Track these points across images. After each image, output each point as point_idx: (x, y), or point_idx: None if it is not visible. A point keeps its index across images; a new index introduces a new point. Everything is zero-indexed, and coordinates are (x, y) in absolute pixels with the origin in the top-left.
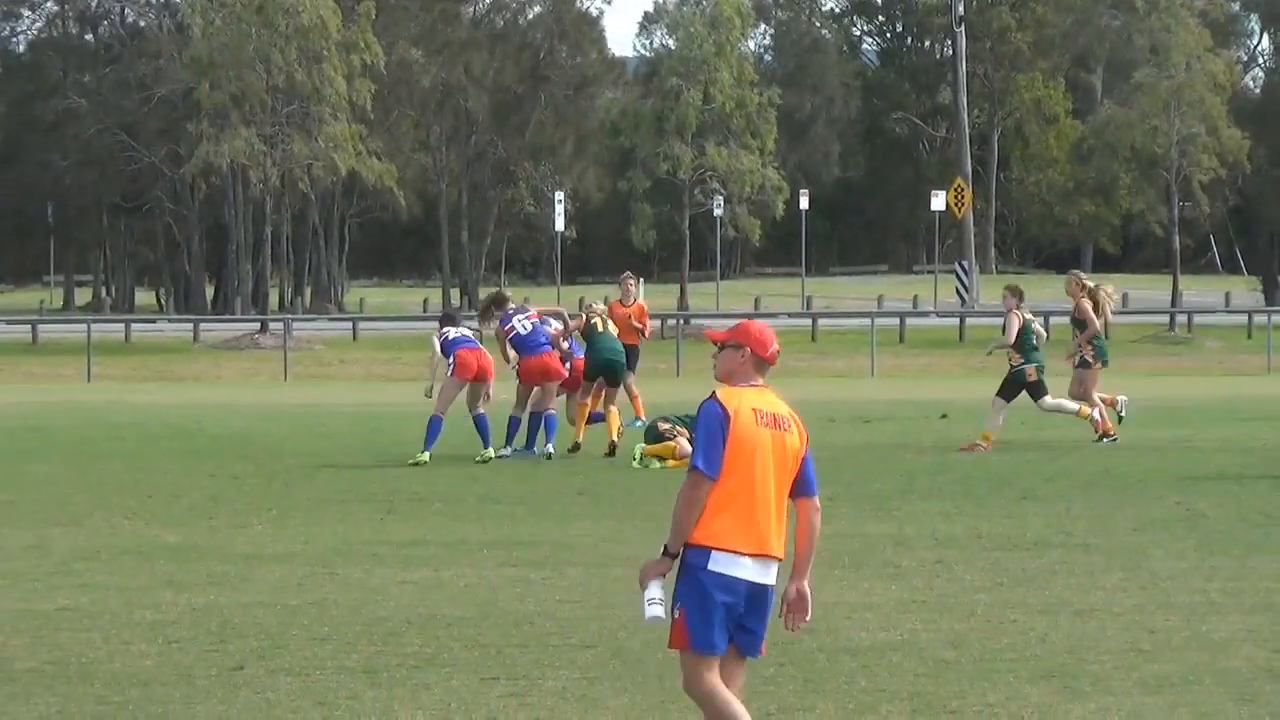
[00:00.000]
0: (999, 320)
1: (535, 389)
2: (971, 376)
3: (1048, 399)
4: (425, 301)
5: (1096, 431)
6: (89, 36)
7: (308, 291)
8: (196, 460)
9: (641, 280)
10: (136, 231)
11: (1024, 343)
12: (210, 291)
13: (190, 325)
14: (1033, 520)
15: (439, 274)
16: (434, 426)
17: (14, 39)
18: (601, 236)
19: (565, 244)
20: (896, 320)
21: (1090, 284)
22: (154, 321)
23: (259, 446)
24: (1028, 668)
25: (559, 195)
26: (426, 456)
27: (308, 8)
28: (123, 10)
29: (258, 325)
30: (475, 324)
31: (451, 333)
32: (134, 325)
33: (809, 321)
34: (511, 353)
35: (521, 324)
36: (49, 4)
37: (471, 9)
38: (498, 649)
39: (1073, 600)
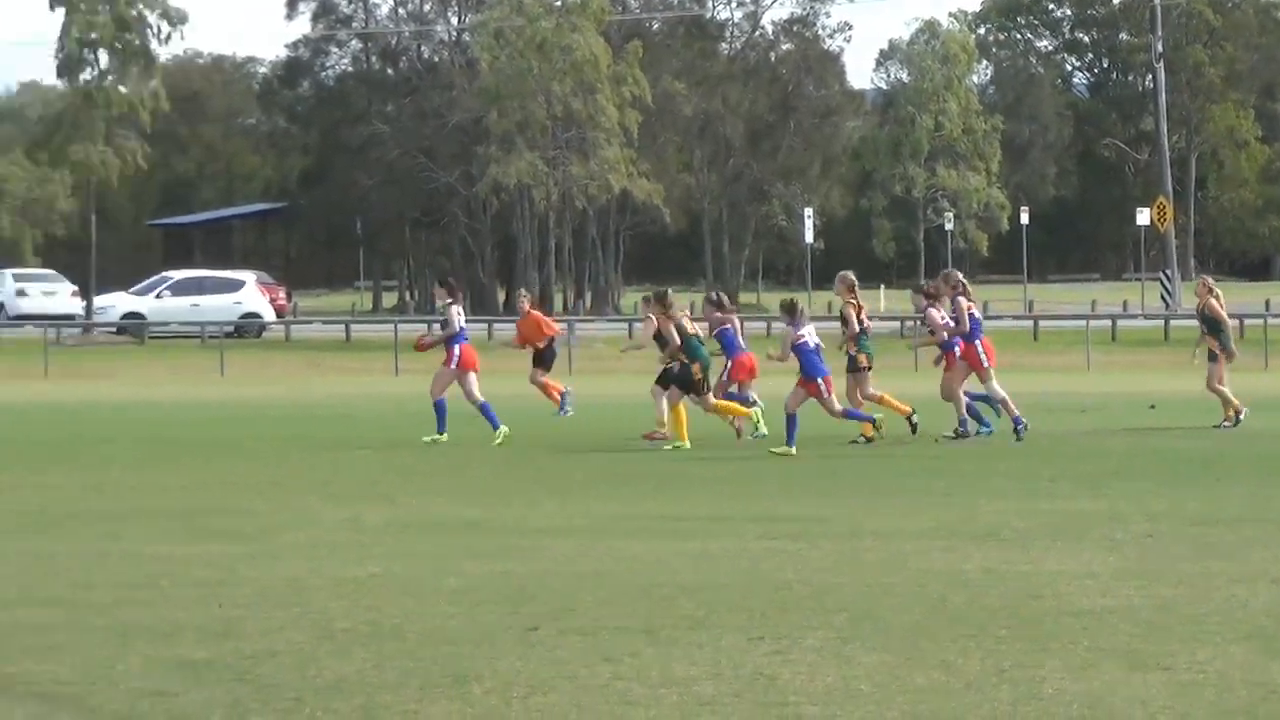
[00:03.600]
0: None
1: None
2: (1175, 371)
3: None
4: (691, 305)
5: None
6: (390, 71)
7: (588, 295)
8: (494, 444)
9: (882, 286)
10: (435, 243)
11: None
12: (501, 296)
13: (485, 325)
14: (1231, 499)
15: (702, 280)
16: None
17: (324, 73)
18: (845, 248)
19: (814, 254)
20: (1108, 322)
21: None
22: None
23: (547, 431)
24: (1231, 630)
25: (808, 211)
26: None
27: (581, 45)
28: (419, 47)
29: None
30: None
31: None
32: (434, 326)
33: (1030, 323)
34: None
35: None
36: (355, 42)
37: (728, 47)
38: (761, 612)
39: (1270, 570)
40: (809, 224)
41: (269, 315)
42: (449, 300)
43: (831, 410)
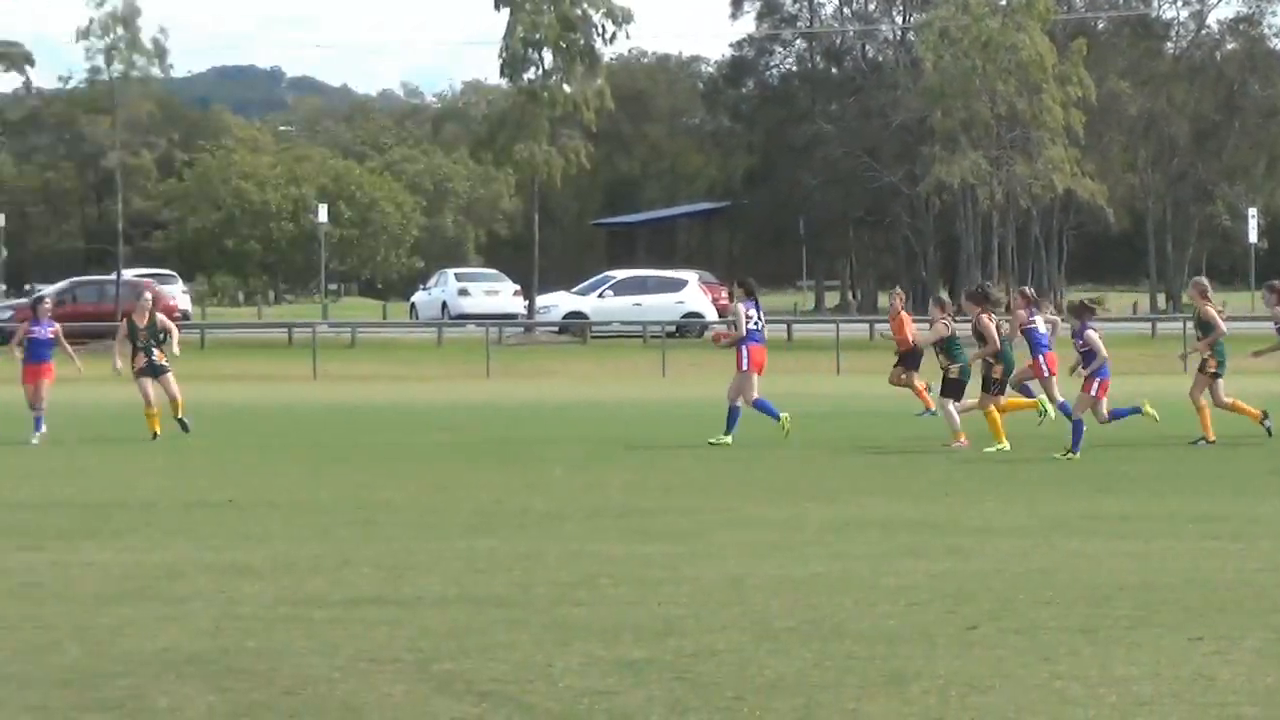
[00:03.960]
0: None
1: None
2: None
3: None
4: (1134, 305)
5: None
6: (834, 70)
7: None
8: (934, 443)
9: None
10: (878, 242)
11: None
12: (944, 296)
13: (927, 325)
14: None
15: (1146, 280)
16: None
17: (768, 72)
18: None
19: (1258, 254)
20: None
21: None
22: None
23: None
24: None
25: (1252, 211)
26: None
27: (1027, 45)
28: (864, 47)
29: None
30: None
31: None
32: (877, 325)
33: None
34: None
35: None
36: (799, 41)
37: (1173, 46)
38: (1200, 612)
39: None
40: (1253, 224)
41: (711, 315)
42: (739, 300)
43: (1090, 409)
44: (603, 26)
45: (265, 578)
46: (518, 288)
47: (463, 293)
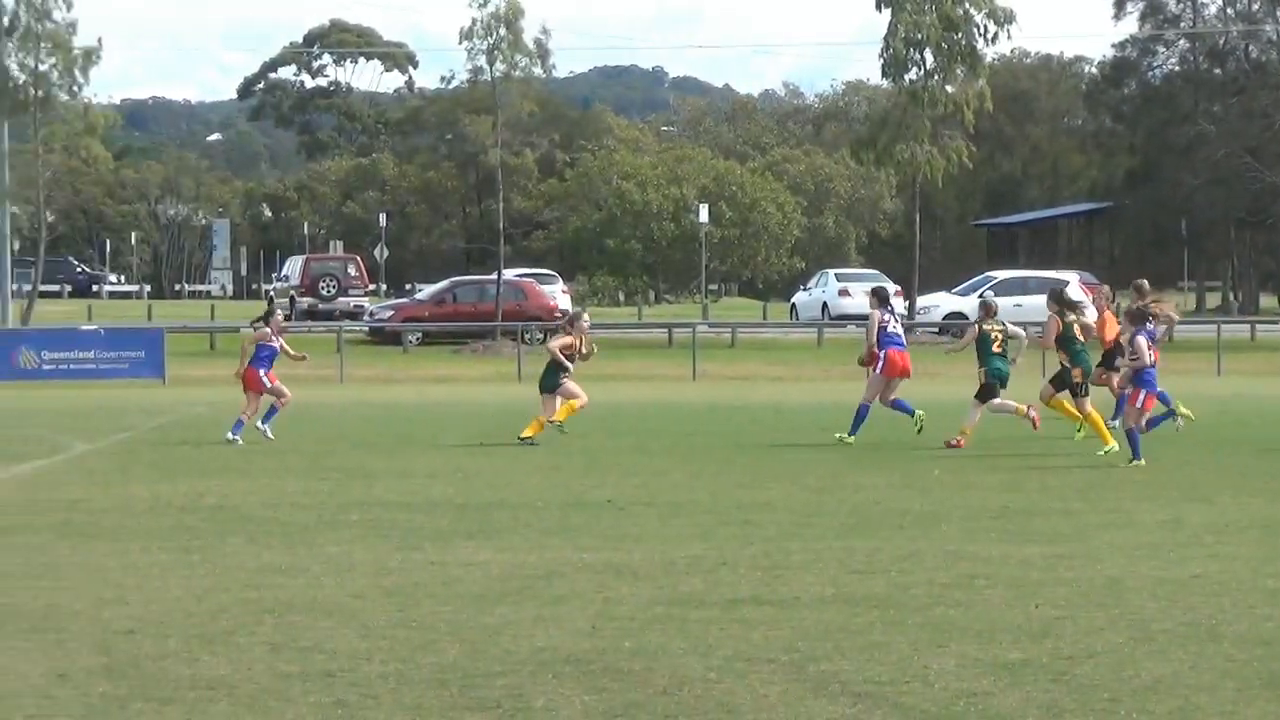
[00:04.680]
0: None
1: None
2: None
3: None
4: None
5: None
6: (1217, 70)
7: None
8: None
9: None
10: (1259, 243)
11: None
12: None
13: None
14: None
15: None
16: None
17: (1151, 73)
18: None
19: None
20: None
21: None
22: (1276, 324)
23: None
24: None
25: None
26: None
27: None
28: (1247, 47)
29: None
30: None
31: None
32: (1258, 326)
33: None
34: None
35: None
36: (1182, 42)
37: None
38: None
39: None
40: None
41: (1092, 315)
42: (874, 309)
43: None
44: (984, 26)
45: (643, 578)
46: (898, 288)
47: (843, 293)
